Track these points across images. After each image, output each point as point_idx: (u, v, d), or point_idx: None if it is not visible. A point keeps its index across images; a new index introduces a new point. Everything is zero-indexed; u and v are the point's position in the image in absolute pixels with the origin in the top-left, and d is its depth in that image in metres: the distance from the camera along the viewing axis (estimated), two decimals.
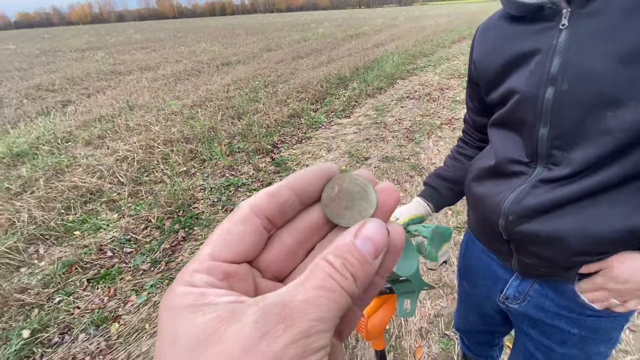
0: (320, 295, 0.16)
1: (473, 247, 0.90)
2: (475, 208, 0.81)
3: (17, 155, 3.66)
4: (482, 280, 0.88)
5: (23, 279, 2.09)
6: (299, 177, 0.20)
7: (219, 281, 0.17)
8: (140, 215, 2.61)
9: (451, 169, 0.96)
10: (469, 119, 0.91)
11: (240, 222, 0.19)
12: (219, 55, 10.05)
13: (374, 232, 0.18)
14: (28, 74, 8.47)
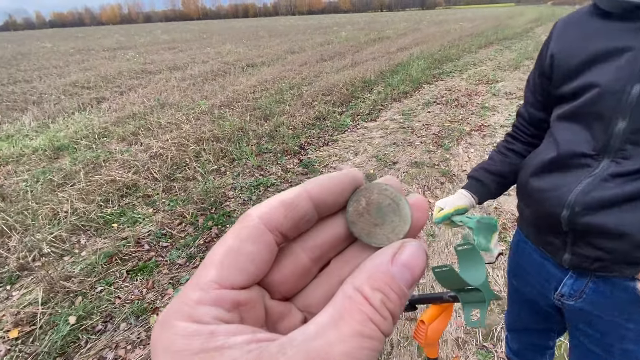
0: (362, 346, 0.13)
1: (524, 246, 0.91)
2: (532, 202, 0.82)
3: (58, 149, 3.84)
4: (535, 278, 0.89)
5: (67, 267, 2.19)
6: (321, 185, 0.18)
7: (227, 313, 0.15)
8: (175, 211, 2.69)
9: (498, 163, 0.98)
10: (525, 112, 0.92)
11: (250, 239, 0.16)
12: (244, 56, 10.24)
13: (413, 258, 0.16)
14: (64, 71, 8.88)
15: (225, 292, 0.15)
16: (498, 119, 4.44)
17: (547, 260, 0.84)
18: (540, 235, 0.84)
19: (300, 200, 0.17)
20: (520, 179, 0.88)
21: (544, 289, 0.86)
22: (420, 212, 0.19)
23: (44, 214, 2.63)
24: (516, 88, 5.76)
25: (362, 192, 0.19)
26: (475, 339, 1.64)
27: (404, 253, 0.16)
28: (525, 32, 13.58)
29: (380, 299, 0.15)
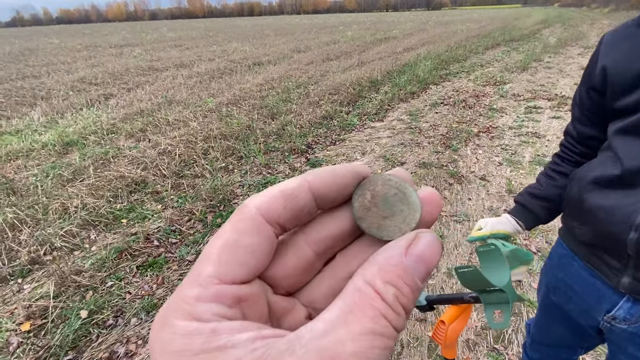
0: (374, 345, 0.13)
1: (571, 262, 0.87)
2: (590, 220, 0.76)
3: (67, 144, 3.87)
4: (581, 297, 0.85)
5: (77, 261, 2.21)
6: (322, 178, 0.17)
7: (229, 309, 0.14)
8: (184, 208, 2.70)
9: (545, 186, 0.94)
10: (573, 130, 0.89)
11: (249, 231, 0.15)
12: (250, 55, 10.25)
13: (428, 249, 0.15)
14: (72, 68, 8.94)
15: (225, 287, 0.14)
16: (506, 120, 4.41)
17: (598, 280, 0.79)
18: (594, 255, 0.79)
19: (300, 191, 0.16)
20: (571, 193, 0.82)
21: (592, 309, 0.82)
22: (432, 205, 0.18)
23: (54, 208, 2.65)
24: (524, 90, 5.73)
25: (366, 185, 0.18)
26: (486, 340, 1.63)
27: (419, 244, 0.15)
28: (533, 34, 13.48)
29: (393, 294, 0.14)
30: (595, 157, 0.87)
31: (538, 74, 6.82)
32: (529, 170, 3.17)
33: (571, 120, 0.90)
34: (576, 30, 14.50)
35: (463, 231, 2.40)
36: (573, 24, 17.32)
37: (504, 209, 2.60)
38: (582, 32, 13.72)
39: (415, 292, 0.14)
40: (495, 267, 0.80)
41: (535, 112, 4.64)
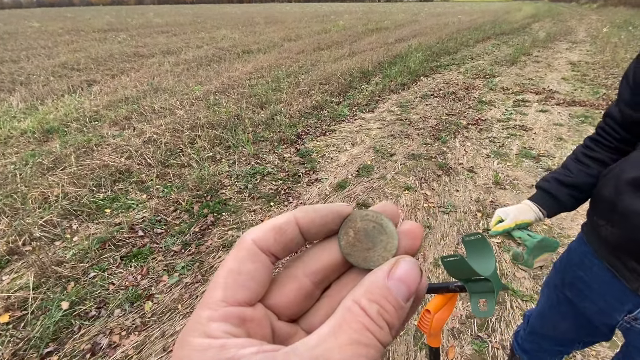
0: (359, 354, 0.14)
1: (592, 260, 0.83)
2: (624, 223, 0.69)
3: (47, 132, 3.73)
4: (600, 296, 0.82)
5: (58, 252, 2.14)
6: (308, 216, 0.19)
7: (236, 328, 0.16)
8: (169, 198, 2.64)
9: (575, 173, 0.87)
10: (618, 112, 0.80)
11: (248, 260, 0.18)
12: (239, 42, 10.03)
13: (407, 272, 0.17)
14: (53, 52, 8.59)
15: (232, 308, 0.17)
16: (495, 113, 4.45)
17: (620, 282, 0.76)
18: (617, 257, 0.74)
19: (288, 226, 0.19)
20: (603, 191, 0.75)
21: (612, 308, 0.80)
22: (411, 236, 0.20)
23: (34, 197, 2.56)
24: (513, 83, 5.78)
25: (348, 224, 0.20)
26: (470, 329, 1.66)
27: (399, 268, 0.17)
28: (523, 28, 13.57)
29: (377, 310, 0.16)
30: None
31: (527, 68, 6.88)
32: (515, 162, 3.21)
33: (616, 102, 0.81)
34: (565, 25, 14.65)
35: (450, 222, 2.42)
36: (562, 19, 17.49)
37: (490, 201, 2.64)
38: (570, 27, 13.88)
39: (398, 311, 0.16)
40: (481, 257, 0.80)
41: (523, 106, 4.69)
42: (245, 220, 2.46)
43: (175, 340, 1.62)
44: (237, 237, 2.30)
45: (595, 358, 1.52)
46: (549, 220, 2.41)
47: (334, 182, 2.94)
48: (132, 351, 1.59)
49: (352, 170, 3.13)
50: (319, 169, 3.15)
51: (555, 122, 4.08)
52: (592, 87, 5.44)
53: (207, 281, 1.97)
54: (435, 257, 2.10)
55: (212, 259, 2.12)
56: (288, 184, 2.90)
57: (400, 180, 2.95)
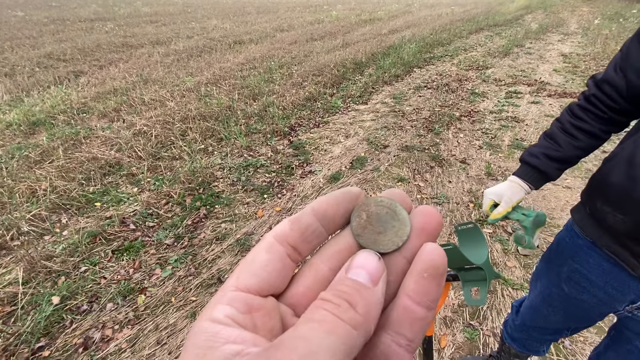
0: (310, 327, 0.14)
1: (589, 252, 0.81)
2: (631, 205, 0.65)
3: (33, 124, 3.64)
4: (599, 288, 0.81)
5: (48, 246, 2.11)
6: (322, 201, 0.20)
7: (241, 314, 0.16)
8: (161, 191, 2.61)
9: (564, 146, 0.83)
10: (621, 79, 0.71)
11: (263, 250, 0.18)
12: (230, 33, 9.85)
13: (363, 261, 0.18)
14: (38, 42, 8.33)
15: (239, 293, 0.17)
16: (487, 105, 4.47)
17: (623, 271, 0.75)
18: (622, 244, 0.72)
19: (303, 215, 0.19)
20: (613, 176, 0.69)
21: (613, 299, 0.79)
22: (426, 217, 0.20)
23: (21, 191, 2.51)
24: (505, 75, 5.79)
25: (362, 207, 0.21)
26: (462, 317, 1.69)
27: (355, 259, 0.18)
28: (515, 20, 13.57)
29: (333, 293, 0.16)
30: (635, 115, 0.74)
31: (519, 60, 6.90)
32: (507, 153, 3.23)
33: (620, 66, 0.72)
34: (557, 16, 14.69)
35: (443, 213, 2.44)
36: (554, 11, 17.52)
37: (482, 192, 2.66)
38: (562, 18, 13.92)
39: (359, 290, 0.16)
40: (474, 246, 0.80)
41: (516, 97, 4.71)
42: (238, 213, 2.44)
43: (168, 333, 1.61)
44: (230, 230, 2.28)
45: (583, 343, 1.56)
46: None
47: (327, 174, 2.93)
48: (125, 345, 1.58)
49: (345, 162, 3.12)
50: (313, 161, 3.14)
51: (547, 114, 4.12)
52: (583, 79, 5.48)
53: (200, 274, 1.96)
54: None
55: (205, 252, 2.11)
56: (281, 177, 2.88)
57: (394, 172, 2.95)
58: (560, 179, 2.81)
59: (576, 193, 2.64)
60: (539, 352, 1.15)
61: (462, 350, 1.54)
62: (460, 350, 1.54)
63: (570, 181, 2.79)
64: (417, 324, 0.18)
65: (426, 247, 0.18)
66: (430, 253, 0.18)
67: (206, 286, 1.88)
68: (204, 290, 1.86)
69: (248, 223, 2.35)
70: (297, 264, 0.19)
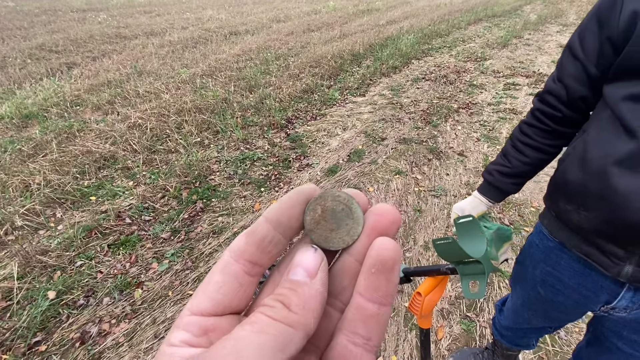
0: (241, 329, 0.15)
1: (559, 254, 0.81)
2: (599, 205, 0.65)
3: (26, 117, 3.58)
4: (573, 289, 0.80)
5: (43, 241, 2.09)
6: (274, 208, 0.19)
7: (195, 337, 0.17)
8: (157, 184, 2.58)
9: (514, 163, 0.88)
10: (562, 88, 0.75)
11: (218, 271, 0.18)
12: (226, 23, 9.70)
13: (300, 258, 0.18)
14: (29, 33, 8.17)
15: (193, 318, 0.17)
16: (485, 97, 4.44)
17: (593, 271, 0.74)
18: (591, 243, 0.71)
19: (257, 226, 0.19)
20: (569, 174, 0.70)
21: (588, 300, 0.78)
22: (379, 215, 0.19)
23: (15, 185, 2.47)
24: (503, 67, 5.75)
25: (318, 201, 0.20)
26: (459, 309, 1.69)
27: (294, 259, 0.18)
28: (514, 10, 13.44)
29: (270, 298, 0.16)
30: (577, 124, 0.78)
31: (517, 51, 6.85)
32: None
33: (557, 77, 0.77)
34: (556, 7, 14.57)
35: (440, 205, 2.44)
36: (553, 1, 17.36)
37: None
38: (561, 9, 13.81)
39: (295, 289, 0.16)
40: (473, 239, 0.78)
41: (514, 89, 4.69)
42: (235, 207, 2.43)
43: (166, 327, 1.61)
44: (227, 224, 2.27)
45: (579, 334, 1.58)
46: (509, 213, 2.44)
47: (325, 167, 2.91)
48: (122, 338, 1.58)
49: (343, 154, 3.10)
50: (310, 154, 3.12)
51: None
52: None
53: (197, 268, 1.95)
54: (426, 240, 2.12)
55: (202, 246, 2.10)
56: (279, 169, 2.86)
57: (391, 165, 2.94)
58: (545, 174, 2.81)
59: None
60: (528, 347, 1.17)
61: (458, 342, 1.55)
62: (457, 341, 1.55)
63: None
64: (371, 321, 0.18)
65: (375, 242, 0.18)
66: (378, 248, 0.18)
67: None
68: None
69: (245, 217, 2.34)
70: (261, 277, 0.19)
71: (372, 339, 0.18)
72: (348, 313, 0.18)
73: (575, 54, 0.71)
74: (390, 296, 0.18)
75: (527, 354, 1.50)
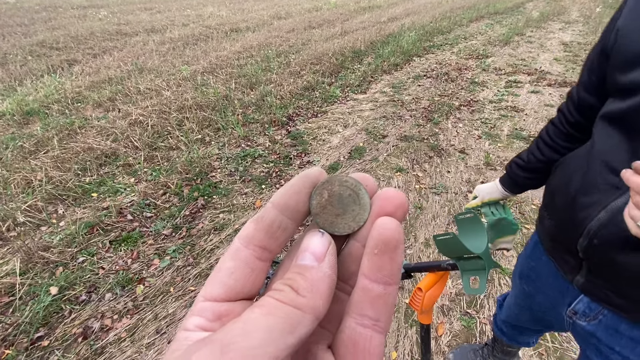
0: (251, 311, 0.15)
1: (541, 250, 0.83)
2: (554, 213, 0.71)
3: (27, 114, 3.58)
4: (548, 289, 0.82)
5: (45, 237, 2.10)
6: (281, 193, 0.19)
7: (209, 322, 0.17)
8: (158, 181, 2.59)
9: (529, 159, 0.89)
10: (575, 94, 0.78)
11: (229, 257, 0.18)
12: (227, 20, 9.67)
13: (307, 243, 0.18)
14: (30, 30, 8.16)
15: (207, 303, 0.17)
16: (487, 94, 4.43)
17: (560, 272, 0.77)
18: (555, 249, 0.75)
19: (265, 212, 0.19)
20: (550, 179, 0.77)
21: (557, 302, 0.79)
22: (384, 200, 0.19)
23: (16, 182, 2.48)
24: (505, 64, 5.73)
25: (325, 185, 0.20)
26: (459, 306, 1.70)
27: (302, 245, 0.18)
28: (517, 7, 13.37)
29: (280, 282, 0.17)
30: (587, 131, 0.77)
31: (519, 48, 6.82)
32: (507, 143, 3.22)
33: (577, 83, 0.79)
34: (558, 4, 14.48)
35: (441, 203, 2.44)
36: None
37: (481, 181, 2.65)
38: (564, 6, 13.73)
39: (304, 273, 0.17)
40: (474, 235, 0.78)
41: (515, 87, 4.67)
42: (236, 203, 2.43)
43: (167, 322, 1.61)
44: (228, 220, 2.28)
45: None
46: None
47: (326, 164, 2.91)
48: (124, 334, 1.59)
49: (344, 152, 3.10)
50: (311, 151, 3.12)
51: (547, 103, 4.09)
52: None
53: (199, 264, 1.96)
54: (427, 237, 2.12)
55: (203, 242, 2.10)
56: (279, 167, 2.87)
57: (392, 162, 2.94)
58: None
59: None
60: (528, 344, 1.17)
61: (458, 338, 1.56)
62: (457, 338, 1.56)
63: None
64: (378, 302, 0.18)
65: (377, 223, 0.18)
66: (379, 228, 0.18)
67: (205, 276, 1.88)
68: (202, 280, 1.86)
69: (246, 213, 2.34)
70: (273, 261, 0.19)
71: (380, 319, 0.18)
72: (354, 295, 0.18)
73: (587, 63, 0.74)
74: (395, 275, 0.18)
75: (526, 350, 1.50)
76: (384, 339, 0.18)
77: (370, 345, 0.17)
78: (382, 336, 0.18)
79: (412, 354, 1.50)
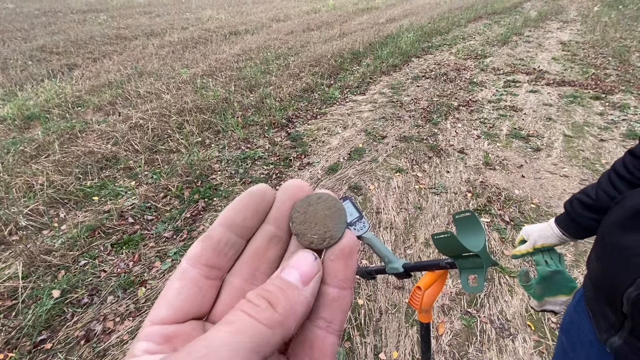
0: (218, 329, 0.14)
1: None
2: (604, 257, 0.60)
3: (28, 118, 3.60)
4: (582, 348, 0.70)
5: (47, 241, 2.11)
6: (228, 210, 0.19)
7: (157, 346, 0.17)
8: (159, 184, 2.60)
9: (600, 196, 0.75)
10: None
11: (176, 278, 0.18)
12: (226, 23, 9.71)
13: (299, 261, 0.18)
14: (30, 35, 8.20)
15: (154, 328, 0.17)
16: (485, 94, 4.44)
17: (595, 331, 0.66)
18: (597, 300, 0.63)
19: (212, 230, 0.19)
20: (606, 217, 0.64)
21: None
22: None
23: (18, 186, 2.50)
24: (504, 64, 5.75)
25: (301, 203, 0.20)
26: (459, 305, 1.71)
27: (292, 259, 0.18)
28: (514, 7, 13.41)
29: (257, 294, 0.16)
30: None
31: (518, 48, 6.84)
32: (505, 143, 3.23)
33: None
34: (556, 4, 14.52)
35: (441, 203, 2.45)
36: None
37: (481, 181, 2.66)
38: (562, 6, 13.76)
39: (285, 290, 0.16)
40: (472, 233, 0.79)
41: (514, 86, 4.69)
42: None
43: None
44: None
45: None
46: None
47: (325, 165, 2.92)
48: (127, 336, 1.60)
49: (343, 153, 3.11)
50: (311, 153, 3.13)
51: (545, 103, 4.10)
52: (582, 67, 5.45)
53: None
54: (426, 237, 2.13)
55: None
56: (279, 169, 2.88)
57: (392, 163, 2.95)
58: (557, 167, 2.82)
59: (574, 182, 2.65)
60: None
61: (459, 337, 1.57)
62: (458, 337, 1.57)
63: (567, 170, 2.80)
64: (333, 305, 0.18)
65: None
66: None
67: None
68: None
69: None
70: (221, 279, 0.19)
71: (334, 321, 0.18)
72: (315, 302, 0.18)
73: None
74: (349, 280, 0.19)
75: (527, 349, 1.51)
76: (337, 339, 0.18)
77: (324, 346, 0.18)
78: (334, 337, 0.18)
79: (413, 353, 1.51)
